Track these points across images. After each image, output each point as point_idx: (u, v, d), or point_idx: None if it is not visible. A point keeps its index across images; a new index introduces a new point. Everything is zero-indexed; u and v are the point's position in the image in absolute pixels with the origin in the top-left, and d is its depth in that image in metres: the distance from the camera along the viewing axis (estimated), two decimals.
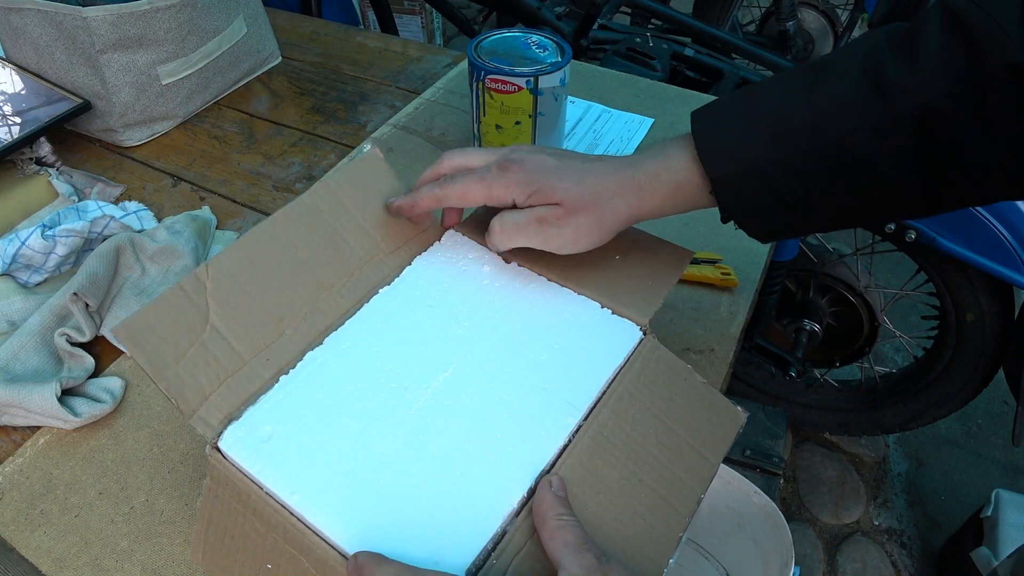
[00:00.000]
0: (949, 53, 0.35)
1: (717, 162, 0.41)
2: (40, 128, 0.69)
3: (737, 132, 0.41)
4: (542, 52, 0.66)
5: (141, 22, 0.70)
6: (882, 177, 0.38)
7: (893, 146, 0.37)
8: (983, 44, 0.34)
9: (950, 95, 0.35)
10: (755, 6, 2.29)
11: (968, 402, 1.22)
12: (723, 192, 0.42)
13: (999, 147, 0.36)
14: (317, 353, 0.40)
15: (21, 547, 0.44)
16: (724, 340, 0.56)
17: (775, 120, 0.40)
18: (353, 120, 0.81)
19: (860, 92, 0.38)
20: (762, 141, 0.40)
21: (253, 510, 0.35)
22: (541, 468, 0.36)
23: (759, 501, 0.69)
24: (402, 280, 0.45)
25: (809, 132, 0.39)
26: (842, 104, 0.38)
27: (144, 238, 0.59)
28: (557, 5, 1.47)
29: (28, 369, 0.51)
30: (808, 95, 0.39)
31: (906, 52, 0.37)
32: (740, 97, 0.42)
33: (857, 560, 1.33)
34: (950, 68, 0.35)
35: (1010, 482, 1.44)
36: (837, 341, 1.31)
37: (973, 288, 1.09)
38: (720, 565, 0.83)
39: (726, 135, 0.41)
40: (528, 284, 0.45)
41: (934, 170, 0.37)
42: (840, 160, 0.39)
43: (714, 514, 0.83)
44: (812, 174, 0.39)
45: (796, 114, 0.39)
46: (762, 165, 0.40)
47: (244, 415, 0.37)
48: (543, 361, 0.41)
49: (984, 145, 0.36)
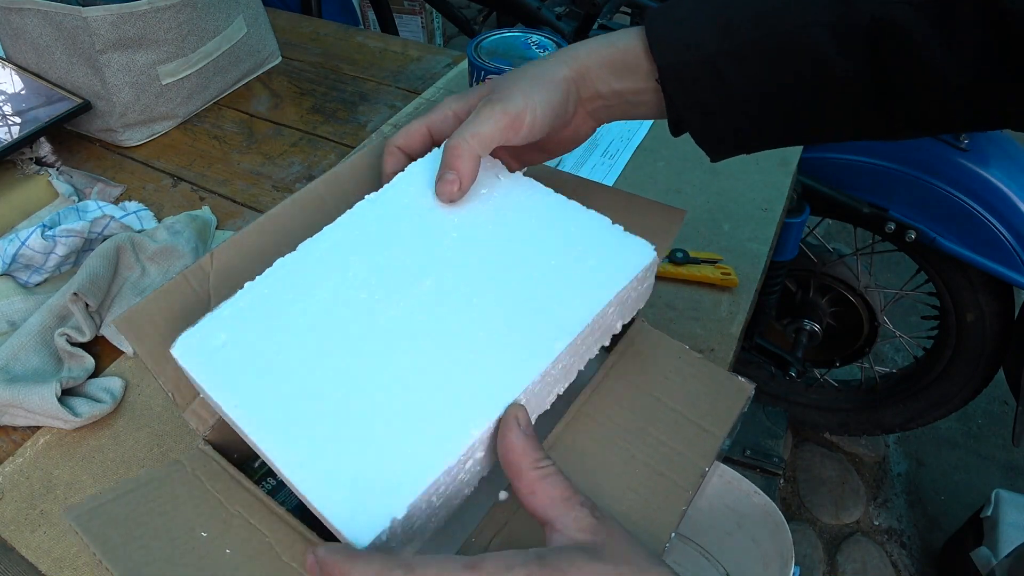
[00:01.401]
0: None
1: (665, 49, 0.39)
2: (40, 128, 0.69)
3: (688, 22, 0.39)
4: (542, 52, 0.66)
5: (141, 22, 0.70)
6: (836, 78, 0.36)
7: (849, 47, 0.35)
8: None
9: (914, 6, 0.34)
10: None
11: (968, 402, 1.22)
12: (670, 82, 0.40)
13: (960, 65, 0.34)
14: (287, 260, 0.37)
15: (21, 547, 0.44)
16: (724, 340, 0.56)
17: (725, 10, 0.38)
18: (353, 120, 0.81)
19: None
20: (710, 31, 0.38)
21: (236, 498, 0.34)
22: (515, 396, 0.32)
23: (759, 501, 0.69)
24: (391, 186, 0.41)
25: (758, 22, 0.37)
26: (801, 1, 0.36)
27: (144, 238, 0.59)
28: (557, 5, 1.47)
29: (28, 369, 0.51)
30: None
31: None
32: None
33: (857, 560, 1.33)
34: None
35: (1010, 482, 1.44)
36: (837, 341, 1.31)
37: (973, 288, 1.09)
38: (720, 565, 0.83)
39: (676, 25, 0.39)
40: (532, 195, 0.41)
41: (891, 79, 0.36)
42: (788, 53, 0.37)
43: (714, 514, 0.83)
44: (758, 67, 0.38)
45: (746, 4, 0.38)
46: (711, 57, 0.38)
47: (201, 322, 0.34)
48: (536, 277, 0.36)
49: (944, 60, 0.34)
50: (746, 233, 0.65)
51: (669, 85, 0.40)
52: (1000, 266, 0.99)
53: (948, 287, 1.12)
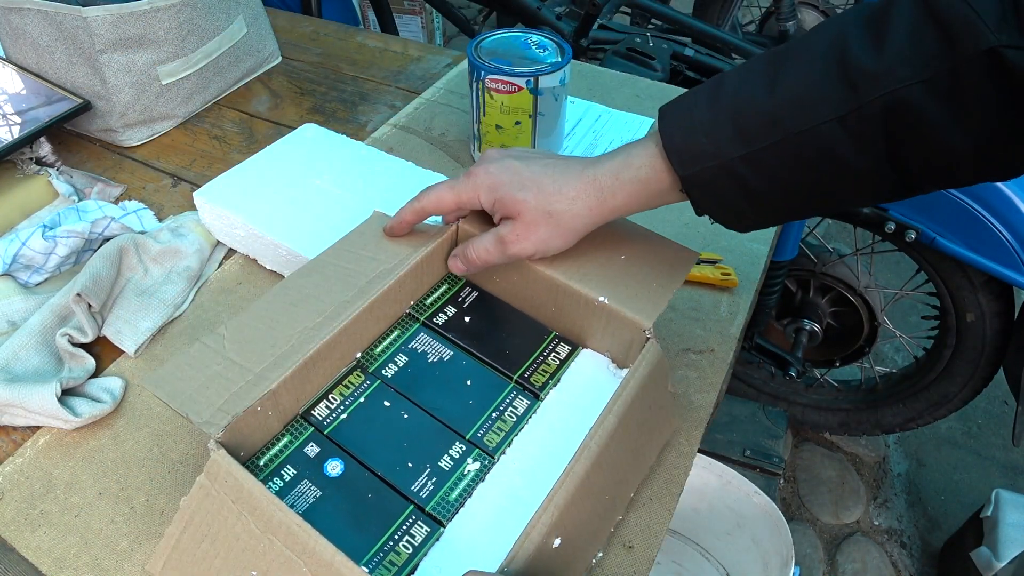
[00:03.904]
0: (919, 37, 0.34)
1: (685, 160, 0.40)
2: (40, 128, 0.69)
3: (703, 128, 0.40)
4: (542, 52, 0.66)
5: (141, 22, 0.70)
6: (850, 168, 0.37)
7: (860, 136, 0.36)
8: (955, 28, 0.33)
9: (920, 82, 0.34)
10: (755, 6, 2.29)
11: (968, 402, 1.22)
12: (693, 189, 0.41)
13: (972, 135, 0.34)
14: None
15: (21, 547, 0.44)
16: (724, 340, 0.56)
17: (738, 114, 0.39)
18: (353, 120, 0.81)
19: (825, 79, 0.36)
20: (726, 137, 0.39)
21: (252, 509, 0.34)
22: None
23: (759, 501, 0.69)
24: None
25: (771, 125, 0.38)
26: (806, 94, 0.37)
27: (148, 239, 0.59)
28: (557, 5, 1.47)
29: (28, 369, 0.51)
30: (771, 85, 0.38)
31: (873, 35, 0.35)
32: (707, 89, 0.41)
33: (857, 560, 1.33)
34: (920, 53, 0.34)
35: (1010, 482, 1.44)
36: (837, 341, 1.31)
37: (973, 288, 1.09)
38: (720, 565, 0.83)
39: (691, 132, 0.40)
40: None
41: (904, 159, 0.36)
42: (805, 153, 0.38)
43: (714, 514, 0.83)
44: (778, 168, 0.39)
45: (759, 107, 0.38)
46: (728, 162, 0.39)
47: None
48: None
49: (956, 133, 0.34)
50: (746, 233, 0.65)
51: (693, 191, 0.42)
52: (1000, 266, 0.99)
53: (948, 287, 1.12)
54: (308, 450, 0.42)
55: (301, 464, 0.41)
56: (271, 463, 0.41)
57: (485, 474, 0.41)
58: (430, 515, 0.39)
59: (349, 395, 0.44)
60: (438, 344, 0.47)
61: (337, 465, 0.41)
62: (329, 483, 0.40)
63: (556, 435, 0.43)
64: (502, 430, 0.43)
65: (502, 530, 0.39)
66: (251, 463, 0.41)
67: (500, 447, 0.43)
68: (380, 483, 0.40)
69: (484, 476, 0.41)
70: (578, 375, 0.47)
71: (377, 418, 0.43)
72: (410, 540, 0.38)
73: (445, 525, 0.39)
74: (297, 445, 0.42)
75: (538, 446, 0.43)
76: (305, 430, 0.43)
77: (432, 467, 0.41)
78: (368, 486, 0.40)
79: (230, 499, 0.35)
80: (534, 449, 0.43)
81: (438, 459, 0.42)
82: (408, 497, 0.40)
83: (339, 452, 0.42)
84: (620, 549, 0.43)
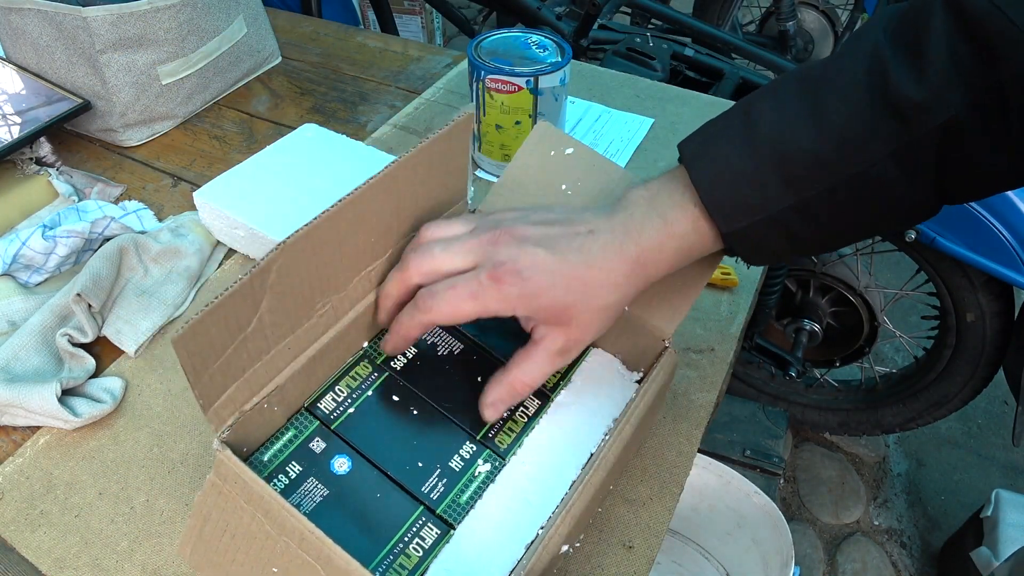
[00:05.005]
0: (960, 58, 0.32)
1: (730, 217, 0.37)
2: (40, 128, 0.69)
3: (745, 178, 0.36)
4: (542, 52, 0.66)
5: (141, 22, 0.70)
6: (901, 202, 0.35)
7: (913, 169, 0.34)
8: (998, 46, 0.31)
9: (968, 106, 0.32)
10: (755, 6, 2.29)
11: (968, 402, 1.22)
12: (737, 243, 0.38)
13: (1013, 153, 0.33)
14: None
15: (21, 547, 0.44)
16: (724, 340, 0.56)
17: (783, 159, 0.35)
18: (353, 120, 0.81)
19: (871, 113, 0.33)
20: (772, 186, 0.36)
21: (265, 512, 0.34)
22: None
23: (759, 501, 0.69)
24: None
25: (821, 169, 0.35)
26: (854, 132, 0.34)
27: (148, 239, 0.59)
28: (557, 5, 1.47)
29: (28, 369, 0.51)
30: (816, 122, 0.35)
31: (912, 57, 0.33)
32: (738, 128, 0.37)
33: (857, 560, 1.33)
34: (963, 75, 0.32)
35: (1010, 482, 1.44)
36: (837, 341, 1.31)
37: (973, 288, 1.09)
38: (720, 565, 0.83)
39: (733, 184, 0.36)
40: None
41: (949, 182, 0.35)
42: (857, 195, 0.35)
43: (714, 514, 0.83)
44: (828, 212, 0.36)
45: (804, 149, 0.35)
46: (777, 212, 0.36)
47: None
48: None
49: (999, 153, 0.33)
50: None
51: (737, 246, 0.39)
52: (1000, 266, 0.99)
53: (948, 287, 1.12)
54: (314, 445, 0.41)
55: (307, 460, 0.40)
56: (276, 458, 0.40)
57: (495, 475, 0.41)
58: (441, 517, 0.39)
59: (356, 387, 0.43)
60: (448, 337, 0.47)
61: (344, 462, 0.40)
62: (336, 481, 0.39)
63: (567, 436, 0.43)
64: (513, 431, 0.43)
65: (511, 532, 0.39)
66: (255, 458, 0.40)
67: (511, 449, 0.42)
68: (389, 483, 0.40)
69: (494, 478, 0.41)
70: (588, 374, 0.47)
71: (386, 414, 0.43)
72: (420, 543, 0.38)
73: (455, 527, 0.39)
74: (302, 440, 0.41)
75: (548, 448, 0.43)
76: (311, 423, 0.42)
77: (443, 468, 0.41)
78: (377, 485, 0.40)
79: (242, 500, 0.35)
80: (545, 451, 0.42)
81: (448, 459, 0.41)
82: (418, 498, 0.39)
83: (346, 448, 0.41)
84: (620, 549, 0.43)
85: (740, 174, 0.36)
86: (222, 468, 0.35)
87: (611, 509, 0.45)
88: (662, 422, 0.50)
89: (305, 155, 0.65)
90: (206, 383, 0.35)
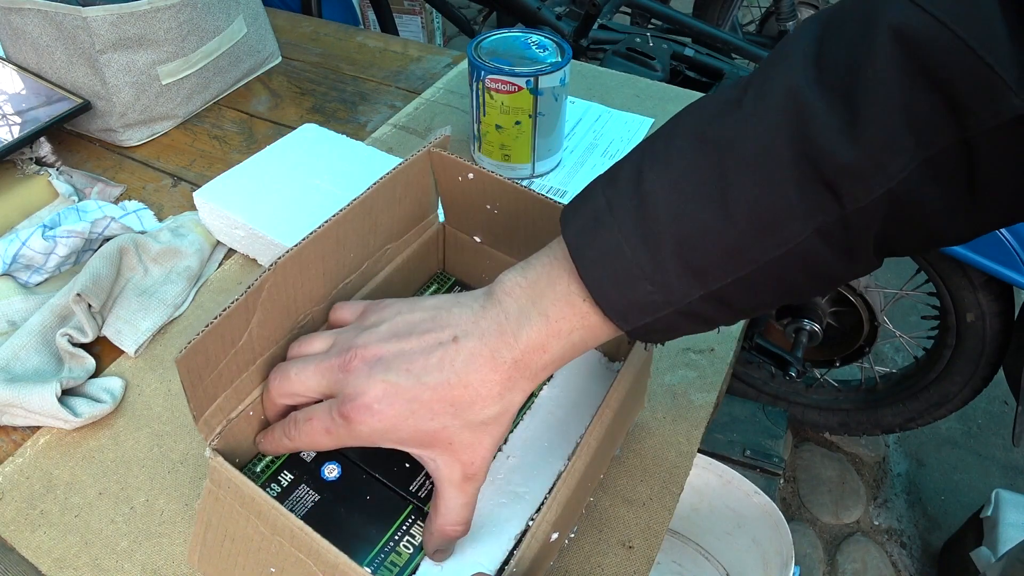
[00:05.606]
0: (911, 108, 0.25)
1: (628, 316, 0.32)
2: (40, 128, 0.69)
3: (642, 272, 0.30)
4: (542, 52, 0.66)
5: (141, 22, 0.70)
6: (833, 276, 0.30)
7: (845, 246, 0.28)
8: (962, 90, 0.24)
9: (919, 169, 0.26)
10: (755, 6, 2.29)
11: (968, 402, 1.22)
12: (642, 336, 0.33)
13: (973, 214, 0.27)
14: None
15: (21, 547, 0.44)
16: (724, 340, 0.56)
17: (686, 250, 0.29)
18: (353, 120, 0.81)
19: (791, 186, 0.27)
20: (676, 279, 0.30)
21: (257, 513, 0.34)
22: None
23: (759, 501, 0.69)
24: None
25: (733, 258, 0.29)
26: (771, 212, 0.28)
27: (148, 239, 0.59)
28: (557, 5, 1.47)
29: (28, 369, 0.51)
30: (720, 201, 0.28)
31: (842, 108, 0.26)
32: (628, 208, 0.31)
33: (857, 560, 1.33)
34: (916, 131, 0.25)
35: (1010, 482, 1.44)
36: (837, 341, 1.31)
37: (973, 288, 1.09)
38: (720, 565, 0.83)
39: (628, 280, 0.31)
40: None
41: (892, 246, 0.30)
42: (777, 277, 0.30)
43: (714, 514, 0.83)
44: (745, 297, 0.31)
45: (711, 237, 0.29)
46: (685, 306, 0.31)
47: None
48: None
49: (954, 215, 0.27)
50: None
51: (642, 337, 0.34)
52: (1000, 266, 0.99)
53: (948, 287, 1.12)
54: (304, 455, 0.42)
55: (298, 469, 0.41)
56: (268, 469, 0.41)
57: None
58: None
59: None
60: None
61: (334, 469, 0.41)
62: (327, 487, 0.40)
63: (552, 431, 0.44)
64: None
65: (502, 526, 0.39)
66: (247, 470, 0.41)
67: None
68: (378, 484, 0.41)
69: None
70: (571, 368, 0.47)
71: None
72: (410, 540, 0.38)
73: None
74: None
75: (534, 442, 0.43)
76: None
77: None
78: (366, 488, 0.40)
79: (237, 504, 0.35)
80: (531, 444, 0.43)
81: None
82: (407, 497, 0.40)
83: (335, 455, 0.42)
84: (620, 549, 0.43)
85: (635, 268, 0.30)
86: (216, 475, 0.35)
87: (611, 509, 0.45)
88: (662, 422, 0.50)
89: (305, 155, 0.65)
90: (200, 396, 0.36)
